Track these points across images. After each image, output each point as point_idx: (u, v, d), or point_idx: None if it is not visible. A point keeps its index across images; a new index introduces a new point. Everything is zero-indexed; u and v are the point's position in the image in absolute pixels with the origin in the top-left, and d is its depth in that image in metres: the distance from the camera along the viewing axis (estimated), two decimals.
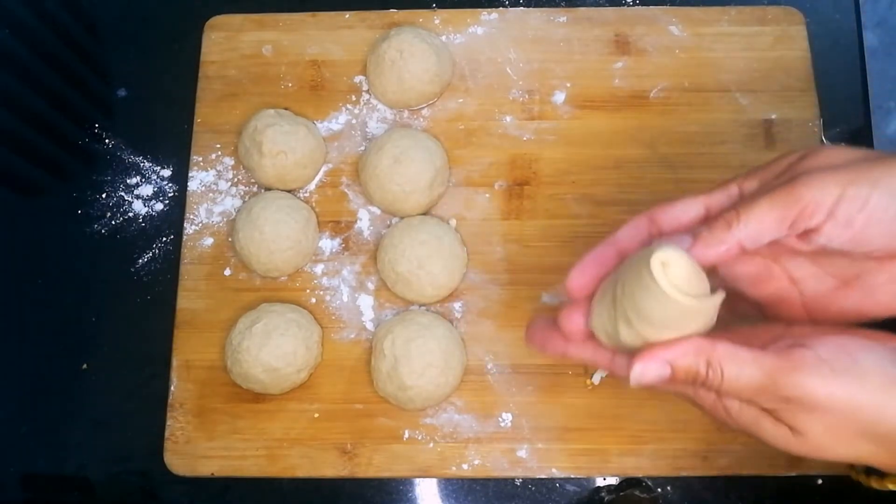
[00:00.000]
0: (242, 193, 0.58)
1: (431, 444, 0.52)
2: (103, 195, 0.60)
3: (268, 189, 0.57)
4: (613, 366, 0.37)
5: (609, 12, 0.61)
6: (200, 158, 0.59)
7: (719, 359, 0.32)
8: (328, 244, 0.57)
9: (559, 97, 0.59)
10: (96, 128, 0.62)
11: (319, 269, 0.56)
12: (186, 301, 0.56)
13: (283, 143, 0.55)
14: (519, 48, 0.60)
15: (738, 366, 0.31)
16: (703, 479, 0.51)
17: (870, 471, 0.37)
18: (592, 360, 0.38)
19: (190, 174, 0.58)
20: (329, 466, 0.52)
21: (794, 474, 0.50)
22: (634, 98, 0.59)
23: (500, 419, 0.52)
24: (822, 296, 0.37)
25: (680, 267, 0.33)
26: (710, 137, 0.57)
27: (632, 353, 0.35)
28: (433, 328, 0.52)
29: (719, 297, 0.33)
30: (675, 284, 0.32)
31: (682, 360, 0.32)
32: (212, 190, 0.58)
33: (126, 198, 0.60)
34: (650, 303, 0.33)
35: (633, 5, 0.62)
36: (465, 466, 0.51)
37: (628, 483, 0.52)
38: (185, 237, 0.57)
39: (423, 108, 0.59)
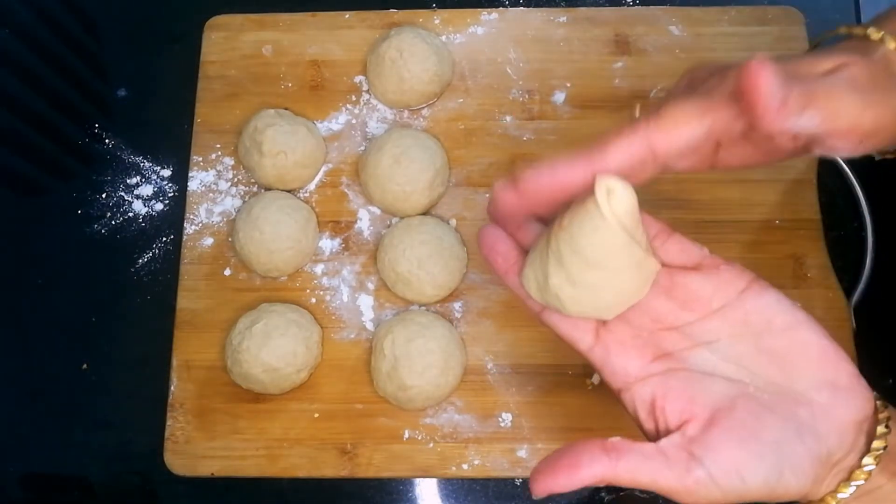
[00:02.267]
0: (242, 193, 0.58)
1: (431, 444, 0.52)
2: (103, 195, 0.60)
3: (268, 189, 0.57)
4: (543, 320, 0.38)
5: (609, 12, 0.61)
6: (200, 158, 0.59)
7: (619, 477, 0.32)
8: (328, 244, 0.57)
9: (559, 97, 0.59)
10: (96, 128, 0.62)
11: (319, 269, 0.56)
12: (186, 301, 0.56)
13: (283, 143, 0.55)
14: (519, 48, 0.60)
15: (636, 480, 0.32)
16: None
17: None
18: (525, 302, 0.38)
19: (190, 174, 0.58)
20: (329, 466, 0.52)
21: None
22: (634, 98, 0.59)
23: (500, 419, 0.52)
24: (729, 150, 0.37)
25: (624, 200, 0.32)
26: None
27: (558, 311, 0.36)
28: (433, 328, 0.52)
29: (655, 264, 0.35)
30: (615, 211, 0.32)
31: (582, 481, 0.32)
32: (212, 190, 0.58)
33: (126, 198, 0.60)
34: (587, 231, 0.33)
35: (633, 5, 0.62)
36: (465, 466, 0.51)
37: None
38: (185, 237, 0.57)
39: (423, 108, 0.59)
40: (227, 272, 0.56)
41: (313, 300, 0.55)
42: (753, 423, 0.32)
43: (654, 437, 0.34)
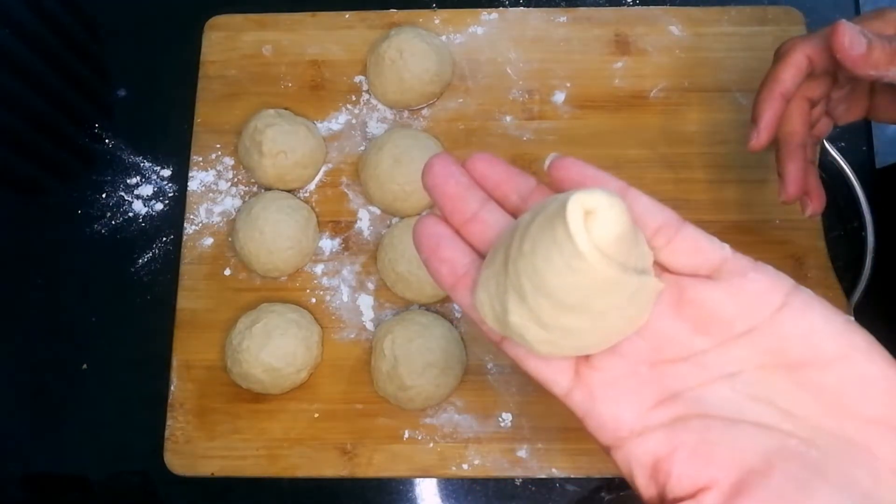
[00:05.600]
0: (242, 193, 0.58)
1: (431, 444, 0.52)
2: (103, 195, 0.60)
3: (268, 189, 0.57)
4: (505, 351, 0.29)
5: (609, 12, 0.61)
6: (200, 158, 0.59)
7: None
8: (328, 244, 0.57)
9: (559, 97, 0.59)
10: (96, 128, 0.62)
11: (319, 269, 0.56)
12: (186, 301, 0.56)
13: (283, 143, 0.55)
14: (519, 48, 0.60)
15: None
16: None
17: None
18: (480, 327, 0.29)
19: (190, 174, 0.58)
20: (329, 466, 0.52)
21: None
22: (634, 98, 0.59)
23: (500, 419, 0.52)
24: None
25: (610, 224, 0.23)
26: (710, 137, 0.57)
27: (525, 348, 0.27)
28: (433, 328, 0.52)
29: (657, 284, 0.26)
30: (598, 244, 0.23)
31: None
32: (212, 190, 0.58)
33: (126, 198, 0.60)
34: (558, 269, 0.24)
35: (633, 5, 0.62)
36: (465, 466, 0.51)
37: (628, 483, 0.52)
38: (185, 237, 0.57)
39: (423, 108, 0.59)
40: (227, 272, 0.56)
41: (313, 300, 0.55)
42: (797, 495, 0.23)
43: None
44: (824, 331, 0.25)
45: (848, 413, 0.24)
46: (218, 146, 0.59)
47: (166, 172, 0.60)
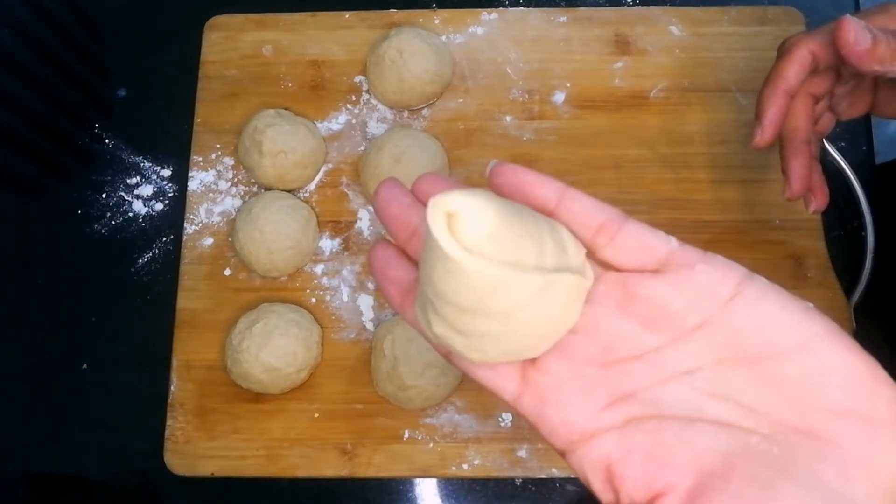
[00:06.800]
0: (242, 193, 0.58)
1: (431, 444, 0.52)
2: (103, 195, 0.60)
3: (268, 189, 0.57)
4: (453, 363, 0.29)
5: (609, 12, 0.61)
6: (200, 158, 0.59)
7: None
8: (328, 244, 0.57)
9: (559, 97, 0.59)
10: (96, 128, 0.62)
11: (319, 269, 0.56)
12: (186, 301, 0.56)
13: (283, 143, 0.55)
14: (519, 48, 0.60)
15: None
16: None
17: None
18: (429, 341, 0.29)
19: (190, 174, 0.58)
20: (329, 466, 0.52)
21: None
22: (634, 98, 0.59)
23: (499, 419, 0.52)
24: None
25: (477, 222, 0.22)
26: (710, 137, 0.57)
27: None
28: None
29: (581, 280, 0.25)
30: (467, 245, 0.22)
31: None
32: (212, 190, 0.58)
33: (126, 198, 0.60)
34: (440, 274, 0.23)
35: (633, 5, 0.62)
36: (465, 466, 0.51)
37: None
38: (185, 237, 0.57)
39: (423, 108, 0.59)
40: (227, 272, 0.56)
41: (313, 300, 0.55)
42: (760, 497, 0.22)
43: None
44: (781, 320, 0.24)
45: (811, 406, 0.23)
46: (218, 146, 0.59)
47: (166, 172, 0.60)
